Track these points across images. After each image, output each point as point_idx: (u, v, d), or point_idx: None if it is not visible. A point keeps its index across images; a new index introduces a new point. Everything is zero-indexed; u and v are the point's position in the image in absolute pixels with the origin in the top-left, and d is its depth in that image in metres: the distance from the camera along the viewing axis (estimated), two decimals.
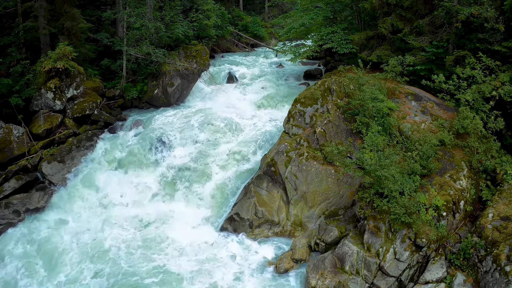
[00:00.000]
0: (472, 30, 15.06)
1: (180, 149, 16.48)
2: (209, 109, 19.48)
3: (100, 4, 24.23)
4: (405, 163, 12.28)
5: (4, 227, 13.78)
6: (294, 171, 13.70)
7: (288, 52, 23.00)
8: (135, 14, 20.00)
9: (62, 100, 17.24)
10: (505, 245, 10.17)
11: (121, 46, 19.81)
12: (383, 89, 14.62)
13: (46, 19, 17.98)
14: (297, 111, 15.29)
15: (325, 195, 13.36)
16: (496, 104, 13.53)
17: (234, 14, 34.71)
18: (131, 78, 20.68)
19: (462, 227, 11.89)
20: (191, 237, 13.57)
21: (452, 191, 11.88)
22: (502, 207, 11.35)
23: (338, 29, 20.25)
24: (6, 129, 15.55)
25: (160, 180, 15.66)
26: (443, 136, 12.98)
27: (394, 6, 17.15)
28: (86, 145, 16.62)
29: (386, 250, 10.98)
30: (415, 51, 16.28)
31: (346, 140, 14.07)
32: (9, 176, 14.85)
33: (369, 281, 10.90)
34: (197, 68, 21.40)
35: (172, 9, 23.55)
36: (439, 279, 10.59)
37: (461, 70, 14.09)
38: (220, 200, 14.83)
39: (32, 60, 17.82)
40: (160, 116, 18.67)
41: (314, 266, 11.47)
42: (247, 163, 15.68)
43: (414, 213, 11.08)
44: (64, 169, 15.66)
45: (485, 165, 12.90)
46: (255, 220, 13.50)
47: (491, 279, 9.92)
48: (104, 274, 11.99)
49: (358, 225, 12.12)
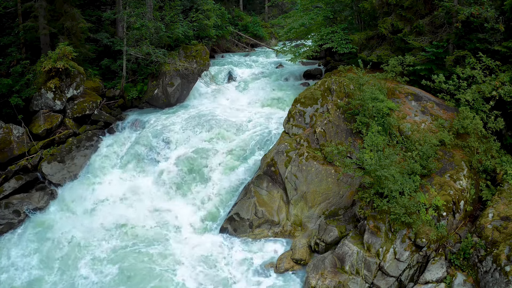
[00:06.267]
0: (472, 30, 15.06)
1: (179, 149, 16.48)
2: (209, 109, 19.47)
3: (100, 4, 24.24)
4: (405, 163, 12.28)
5: (4, 227, 13.78)
6: (294, 171, 13.70)
7: (288, 52, 23.00)
8: (135, 14, 20.01)
9: (62, 100, 17.25)
10: (505, 245, 10.17)
11: (121, 46, 19.82)
12: (383, 89, 14.62)
13: (46, 19, 17.99)
14: (297, 111, 15.29)
15: (325, 195, 13.36)
16: (496, 104, 13.53)
17: (234, 14, 34.72)
18: (131, 78, 20.68)
19: (462, 227, 11.89)
20: (190, 237, 13.58)
21: (452, 191, 11.88)
22: (502, 207, 11.35)
23: (338, 29, 20.25)
24: (6, 129, 15.56)
25: (159, 180, 15.64)
26: (443, 136, 12.98)
27: (394, 6, 17.16)
28: (86, 145, 16.63)
29: (386, 250, 10.98)
30: (415, 51, 16.28)
31: (346, 140, 14.07)
32: (9, 176, 14.87)
33: (369, 281, 10.90)
34: (197, 68, 21.40)
35: (172, 9, 23.58)
36: (439, 279, 10.59)
37: (461, 70, 14.09)
38: (220, 200, 14.82)
39: (32, 60, 17.83)
40: (160, 116, 18.67)
41: (314, 266, 11.47)
42: (247, 163, 15.67)
43: (414, 213, 11.08)
44: (64, 169, 15.67)
45: (485, 165, 12.90)
46: (255, 220, 13.50)
47: (491, 279, 9.92)
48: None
49: (358, 225, 12.12)
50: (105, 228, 13.93)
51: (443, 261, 10.95)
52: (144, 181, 15.79)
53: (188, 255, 12.76)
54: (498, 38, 14.28)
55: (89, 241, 13.35)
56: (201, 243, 13.33)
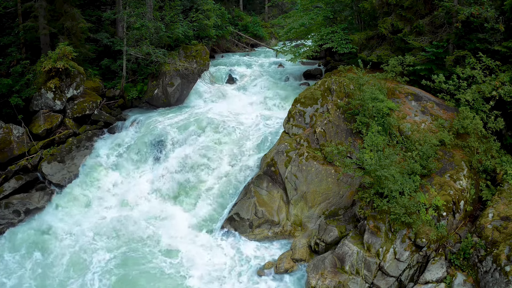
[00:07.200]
0: (472, 30, 15.06)
1: (179, 149, 16.48)
2: (209, 109, 19.46)
3: (100, 4, 24.23)
4: (405, 163, 12.28)
5: (4, 227, 13.78)
6: (294, 171, 13.70)
7: (288, 52, 23.00)
8: (135, 14, 20.01)
9: (62, 100, 17.25)
10: (505, 245, 10.17)
11: (121, 46, 19.81)
12: (383, 89, 14.62)
13: (46, 19, 17.98)
14: (297, 111, 15.29)
15: (325, 195, 13.36)
16: (496, 104, 13.53)
17: (234, 14, 34.74)
18: (131, 78, 20.68)
19: (462, 227, 11.89)
20: (189, 237, 13.58)
21: (452, 191, 11.88)
22: (502, 207, 11.35)
23: (338, 29, 20.25)
24: (6, 129, 15.55)
25: (159, 180, 15.64)
26: (443, 136, 12.98)
27: (394, 6, 17.16)
28: (86, 145, 16.63)
29: (386, 250, 10.98)
30: (415, 51, 16.28)
31: (346, 140, 14.07)
32: (9, 176, 14.86)
33: (369, 281, 10.91)
34: (197, 68, 21.40)
35: (172, 9, 23.57)
36: (439, 279, 10.59)
37: (461, 70, 14.09)
38: (220, 200, 14.81)
39: (32, 60, 17.82)
40: (160, 116, 18.66)
41: (314, 266, 11.47)
42: (247, 163, 15.66)
43: (414, 213, 11.08)
44: (64, 169, 15.67)
45: (485, 165, 12.90)
46: (255, 220, 13.50)
47: (491, 279, 9.92)
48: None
49: (358, 225, 12.12)
50: (105, 227, 13.96)
51: (443, 261, 10.95)
52: (144, 181, 15.79)
53: (185, 256, 12.78)
54: (498, 38, 14.28)
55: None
56: (200, 243, 13.33)
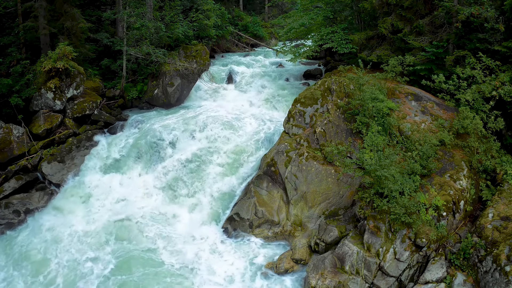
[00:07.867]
0: (472, 30, 15.06)
1: (179, 149, 16.47)
2: (209, 109, 19.47)
3: (100, 4, 24.23)
4: (405, 163, 12.28)
5: (4, 227, 13.78)
6: (294, 171, 13.70)
7: (288, 52, 22.99)
8: (135, 14, 20.02)
9: (62, 100, 17.25)
10: (505, 245, 10.16)
11: (121, 46, 19.82)
12: (383, 89, 14.62)
13: (46, 19, 17.98)
14: (297, 111, 15.29)
15: (325, 195, 13.36)
16: (496, 104, 13.53)
17: (234, 14, 34.73)
18: (131, 78, 20.68)
19: (462, 227, 11.88)
20: (189, 237, 13.58)
21: (452, 191, 11.88)
22: (502, 207, 11.35)
23: (338, 29, 20.25)
24: (6, 129, 15.56)
25: (158, 180, 15.64)
26: (443, 136, 12.98)
27: (394, 6, 17.15)
28: (86, 145, 16.63)
29: (386, 250, 10.97)
30: (415, 51, 16.28)
31: (346, 140, 14.07)
32: (9, 176, 14.86)
33: (369, 281, 10.90)
34: (197, 68, 21.40)
35: (172, 9, 23.58)
36: (439, 279, 10.59)
37: (461, 70, 14.09)
38: (220, 200, 14.82)
39: (32, 60, 17.83)
40: (160, 116, 18.67)
41: (314, 266, 11.47)
42: (247, 163, 15.67)
43: (414, 213, 11.08)
44: (64, 169, 15.67)
45: (485, 165, 12.89)
46: (255, 220, 13.50)
47: (491, 279, 9.92)
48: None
49: (358, 225, 12.12)
50: (106, 227, 13.95)
51: (443, 261, 10.94)
52: (144, 181, 15.79)
53: (184, 256, 12.80)
54: (498, 38, 14.27)
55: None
56: (200, 243, 13.33)
